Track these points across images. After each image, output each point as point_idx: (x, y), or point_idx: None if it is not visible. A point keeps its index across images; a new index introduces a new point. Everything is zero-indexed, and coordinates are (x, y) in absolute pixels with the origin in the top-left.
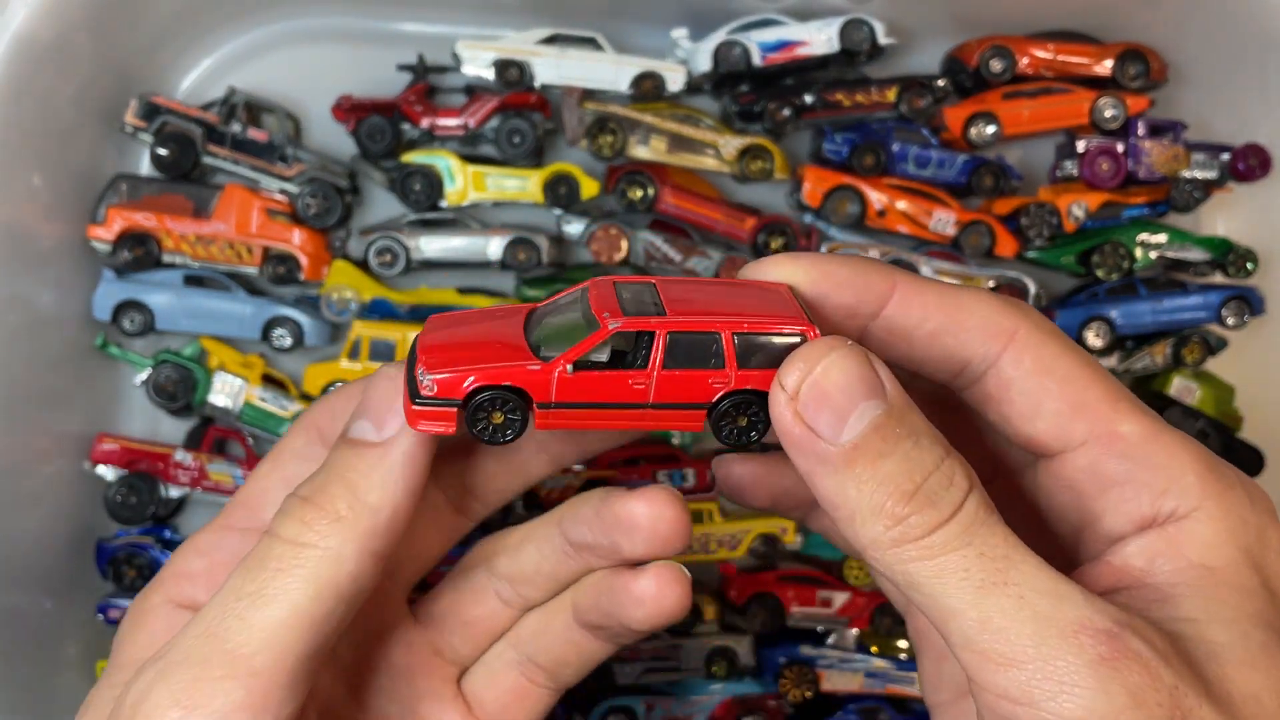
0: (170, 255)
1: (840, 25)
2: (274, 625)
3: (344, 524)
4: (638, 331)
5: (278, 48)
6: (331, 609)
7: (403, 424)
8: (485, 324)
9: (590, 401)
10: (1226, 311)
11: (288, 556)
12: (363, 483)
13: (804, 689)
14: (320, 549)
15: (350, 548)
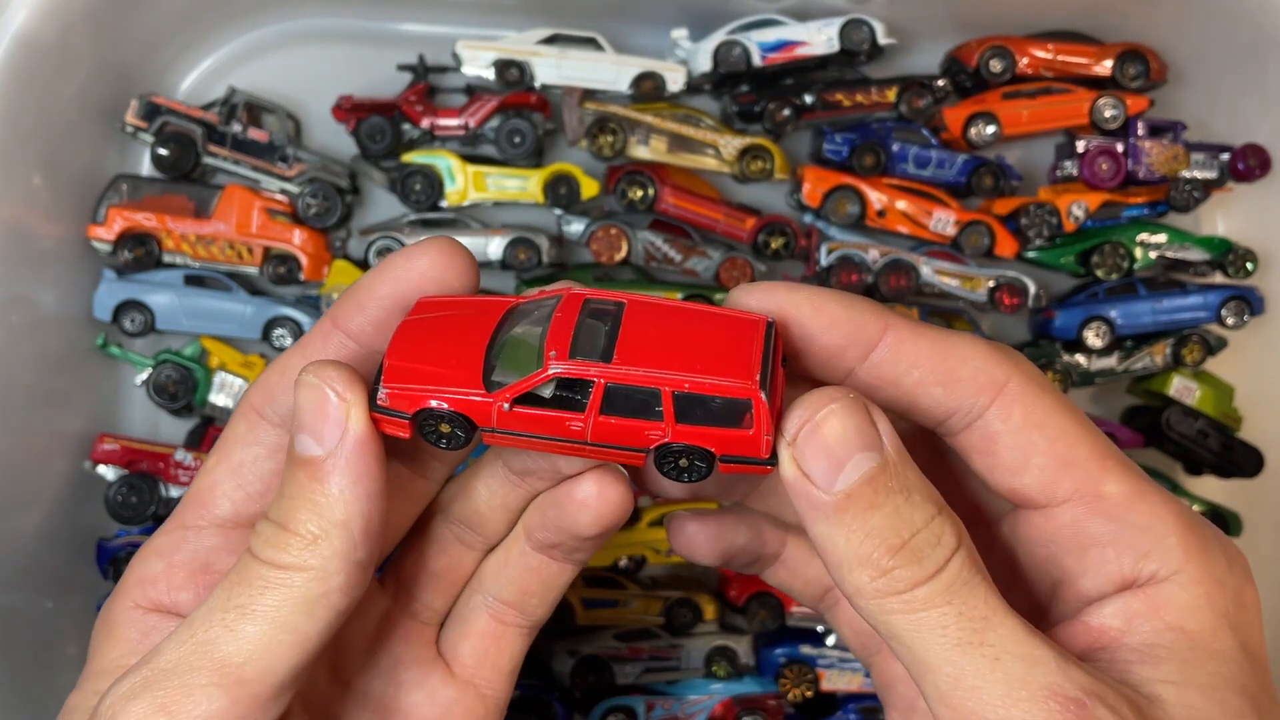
0: (171, 255)
1: (840, 25)
2: (263, 637)
3: (320, 544)
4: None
5: (278, 48)
6: (323, 623)
7: (340, 433)
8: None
9: (530, 433)
10: (1226, 311)
11: (272, 576)
12: (324, 501)
13: (804, 688)
14: (304, 569)
15: (332, 564)
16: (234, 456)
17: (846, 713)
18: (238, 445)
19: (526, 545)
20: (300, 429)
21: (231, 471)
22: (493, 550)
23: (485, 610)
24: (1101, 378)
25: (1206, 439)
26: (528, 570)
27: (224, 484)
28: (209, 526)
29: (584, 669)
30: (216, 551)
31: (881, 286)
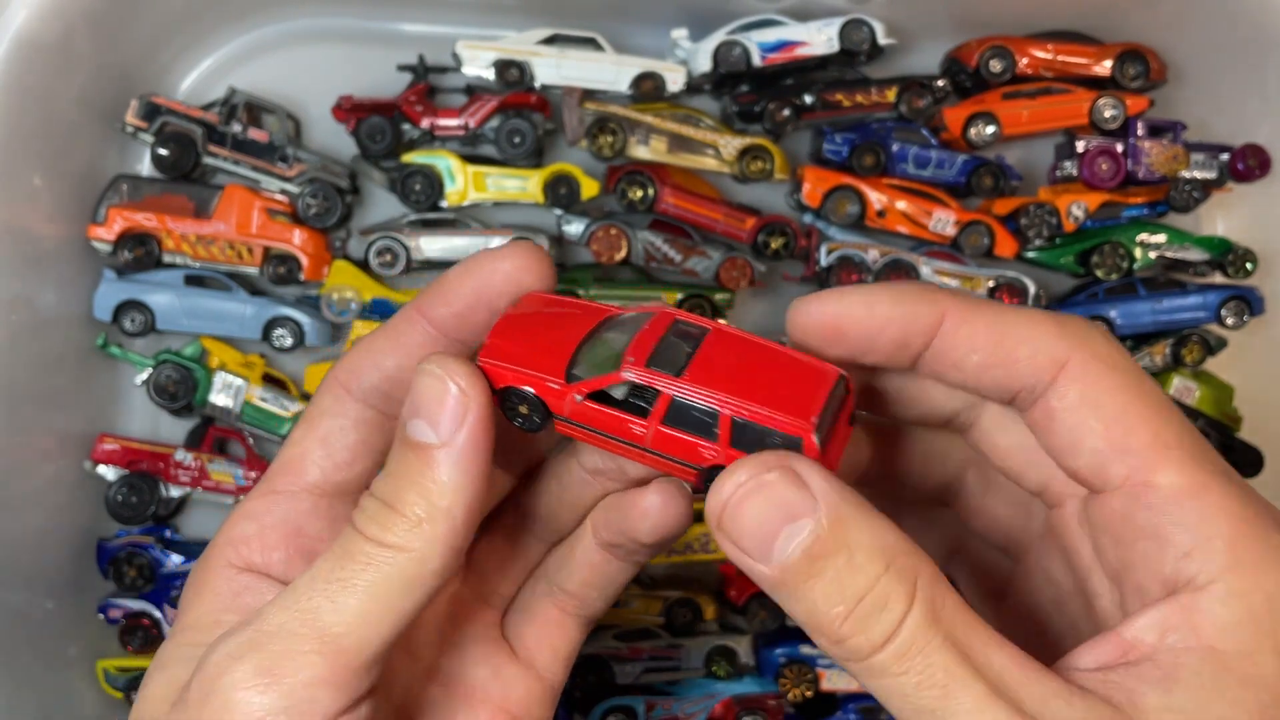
0: (171, 255)
1: (840, 25)
2: (363, 611)
3: (423, 527)
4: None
5: (278, 48)
6: (418, 601)
7: (457, 425)
8: (555, 324)
9: (596, 428)
10: (1226, 311)
11: (375, 554)
12: (434, 488)
13: (804, 688)
14: (406, 549)
15: (433, 548)
16: (321, 427)
17: (846, 713)
18: (325, 417)
19: (592, 542)
20: (416, 414)
21: (319, 441)
22: (559, 543)
23: (549, 599)
24: None
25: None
26: (591, 565)
27: (313, 453)
28: (299, 491)
29: (584, 669)
30: (306, 515)
31: None
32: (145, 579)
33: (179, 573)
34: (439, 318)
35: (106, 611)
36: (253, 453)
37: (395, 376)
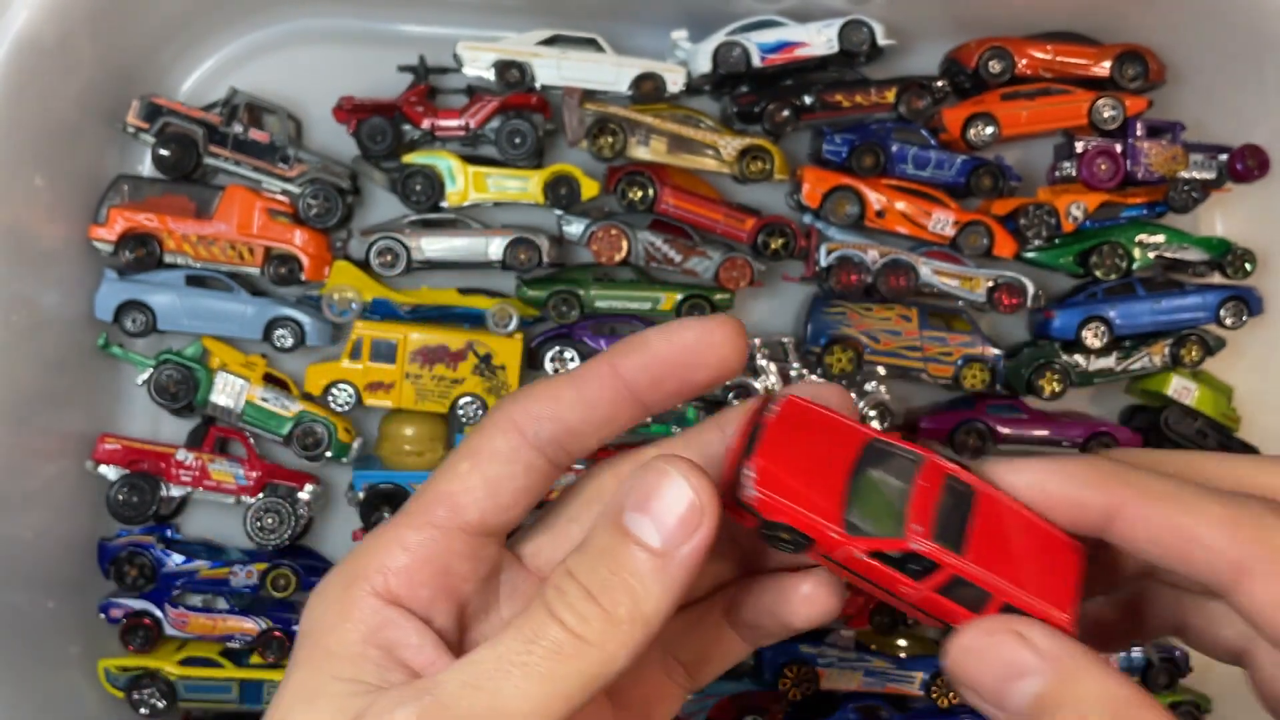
0: (172, 256)
1: (840, 26)
2: (543, 702)
3: (623, 630)
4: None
5: (279, 49)
6: (590, 696)
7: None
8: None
9: (862, 575)
10: (1225, 312)
11: (566, 644)
12: (643, 593)
13: (803, 687)
14: (597, 647)
15: (624, 651)
16: (490, 469)
17: (846, 712)
18: (495, 460)
19: (721, 618)
20: (642, 510)
21: (485, 482)
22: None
23: (660, 666)
24: (1100, 378)
25: (1205, 439)
26: (715, 642)
27: (476, 492)
28: (455, 529)
29: None
30: (458, 556)
31: (881, 287)
32: (146, 578)
33: (180, 572)
34: (633, 377)
35: (108, 611)
36: (254, 453)
37: (576, 430)
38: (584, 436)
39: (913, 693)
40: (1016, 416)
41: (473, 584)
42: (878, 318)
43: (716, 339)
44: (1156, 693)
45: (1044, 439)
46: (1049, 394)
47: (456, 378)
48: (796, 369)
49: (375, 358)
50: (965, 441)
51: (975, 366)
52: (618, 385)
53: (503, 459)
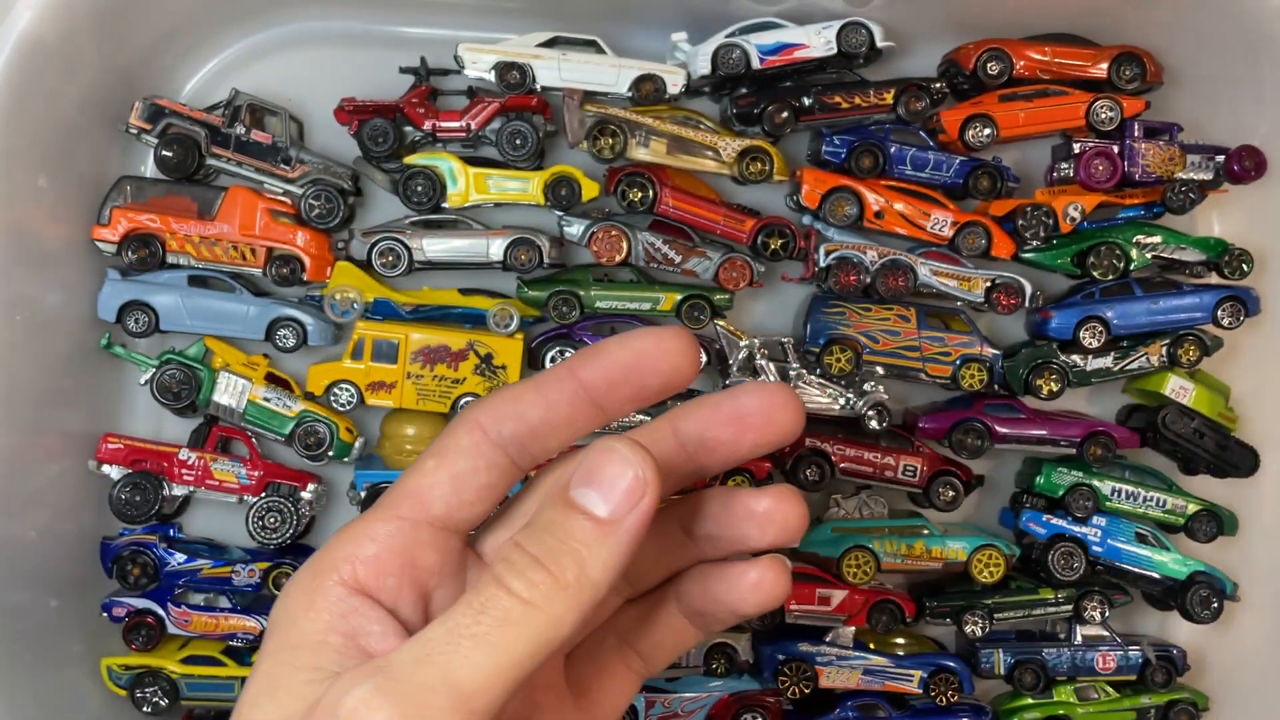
0: (175, 256)
1: (838, 28)
2: (494, 670)
3: (569, 593)
4: None
5: (281, 50)
6: (538, 663)
7: (631, 507)
8: None
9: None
10: (1222, 312)
11: (515, 611)
12: (590, 557)
13: (802, 685)
14: (545, 611)
15: (571, 616)
16: (455, 464)
17: (845, 710)
18: (460, 455)
19: (675, 607)
20: (589, 484)
21: (451, 477)
22: (634, 600)
23: (618, 655)
24: (1098, 378)
25: (1202, 438)
26: (669, 629)
27: (443, 487)
28: (422, 522)
29: None
30: (423, 547)
31: (879, 287)
32: (149, 577)
33: (182, 571)
34: (590, 381)
35: (110, 609)
36: (256, 452)
37: (536, 430)
38: (545, 437)
39: (911, 690)
40: (1014, 416)
41: (438, 576)
42: (876, 318)
43: (669, 348)
44: (1154, 691)
45: (1042, 438)
46: (1047, 394)
47: (457, 377)
48: (795, 369)
49: (377, 358)
50: (963, 441)
51: (973, 366)
52: (577, 389)
53: (467, 456)
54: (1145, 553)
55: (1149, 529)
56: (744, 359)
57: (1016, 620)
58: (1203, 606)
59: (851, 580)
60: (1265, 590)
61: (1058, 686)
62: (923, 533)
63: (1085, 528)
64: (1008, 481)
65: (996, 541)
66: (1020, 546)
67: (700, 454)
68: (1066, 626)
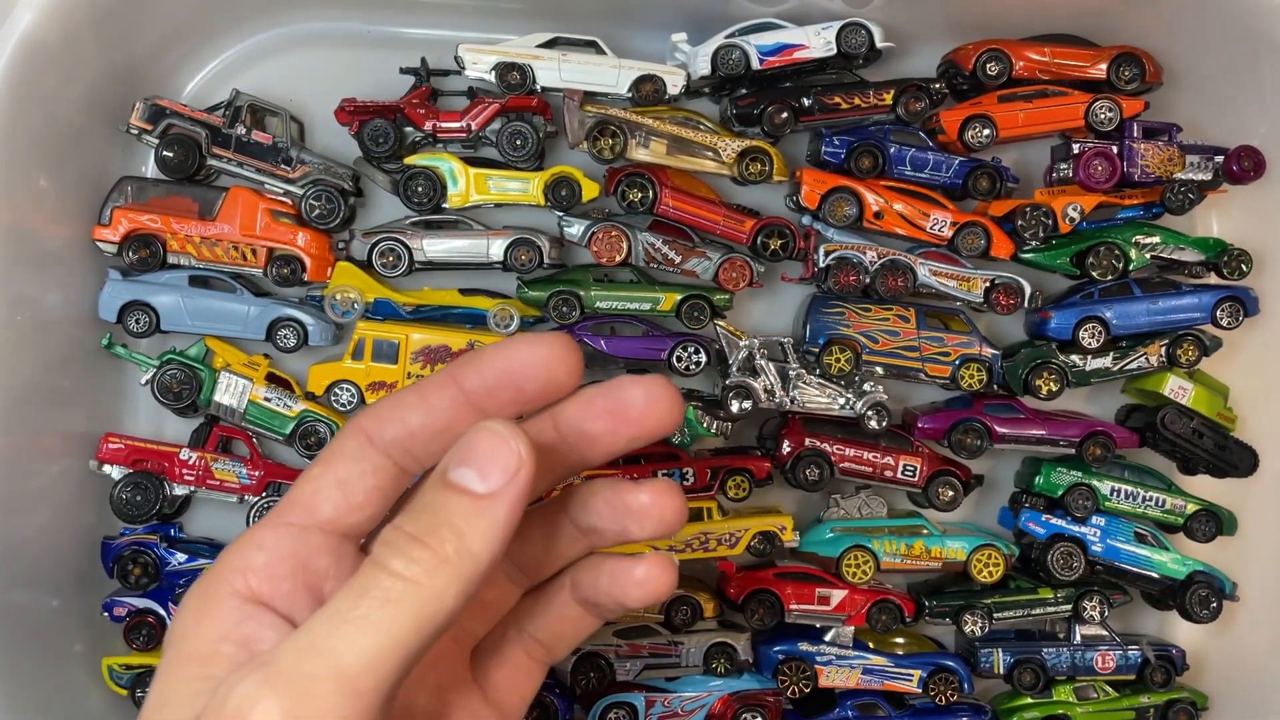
0: (175, 256)
1: (838, 29)
2: (378, 651)
3: (449, 566)
4: None
5: (282, 51)
6: (427, 641)
7: (508, 480)
8: None
9: None
10: (1221, 312)
11: (395, 589)
12: (469, 530)
13: (802, 685)
14: (426, 587)
15: (453, 589)
16: (340, 469)
17: (844, 709)
18: (345, 460)
19: (569, 596)
20: (465, 463)
21: (337, 482)
22: (532, 590)
23: (519, 645)
24: (1097, 378)
25: (1201, 438)
26: (566, 619)
27: (328, 491)
28: (311, 527)
29: (584, 666)
30: (315, 551)
31: (879, 287)
32: (150, 577)
33: (183, 571)
34: (470, 387)
35: (111, 609)
36: (257, 452)
37: (418, 434)
38: (428, 440)
39: (911, 690)
40: (1014, 416)
41: (333, 581)
42: (876, 318)
43: (546, 355)
44: (1153, 690)
45: (1041, 438)
46: (1046, 394)
47: None
48: (795, 369)
49: (377, 358)
50: (963, 441)
51: (973, 366)
52: (457, 394)
53: (352, 460)
54: (1144, 552)
55: (1148, 529)
56: (744, 359)
57: (1016, 620)
58: (1202, 606)
59: (851, 580)
60: (1264, 590)
61: (1057, 686)
62: (922, 532)
63: (1084, 527)
64: (1007, 481)
65: (996, 541)
66: (1019, 546)
67: (581, 445)
68: (1066, 626)
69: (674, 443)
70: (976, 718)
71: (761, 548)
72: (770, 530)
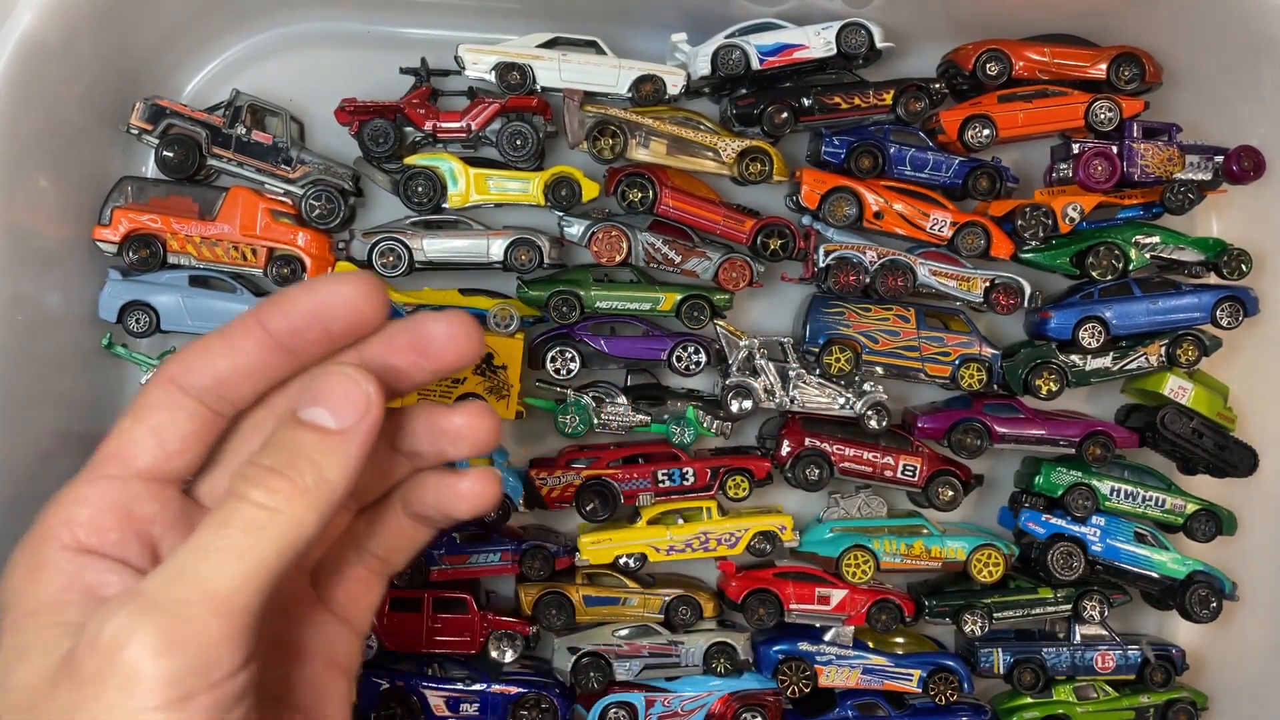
0: (175, 256)
1: (838, 29)
2: (246, 574)
3: (309, 495)
4: None
5: (282, 51)
6: (288, 563)
7: (359, 416)
8: None
9: None
10: (1221, 312)
11: (259, 518)
12: (325, 463)
13: (802, 684)
14: (286, 514)
15: (311, 515)
16: (152, 419)
17: (844, 709)
18: (156, 410)
19: (401, 511)
20: (317, 403)
21: (151, 431)
22: (365, 510)
23: (358, 562)
24: (1097, 378)
25: (1201, 438)
26: (399, 532)
27: (143, 441)
28: (130, 477)
29: (584, 665)
30: (137, 499)
31: (879, 287)
32: None
33: None
34: (276, 329)
35: None
36: None
37: (227, 379)
38: (239, 384)
39: (910, 690)
40: (1014, 416)
41: (160, 525)
42: (876, 318)
43: (350, 293)
44: (1153, 690)
45: (1041, 438)
46: (1046, 393)
47: (458, 377)
48: (795, 369)
49: None
50: (963, 441)
51: (972, 366)
52: (263, 336)
53: (162, 409)
54: (1144, 552)
55: (1148, 528)
56: (743, 359)
57: (1016, 620)
58: (1201, 606)
59: (851, 580)
60: (1264, 590)
61: (1057, 686)
62: (922, 532)
63: (1084, 527)
64: (1007, 481)
65: (996, 541)
66: (1019, 546)
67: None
68: (1065, 626)
69: (674, 443)
70: (976, 717)
71: (761, 548)
72: (770, 530)
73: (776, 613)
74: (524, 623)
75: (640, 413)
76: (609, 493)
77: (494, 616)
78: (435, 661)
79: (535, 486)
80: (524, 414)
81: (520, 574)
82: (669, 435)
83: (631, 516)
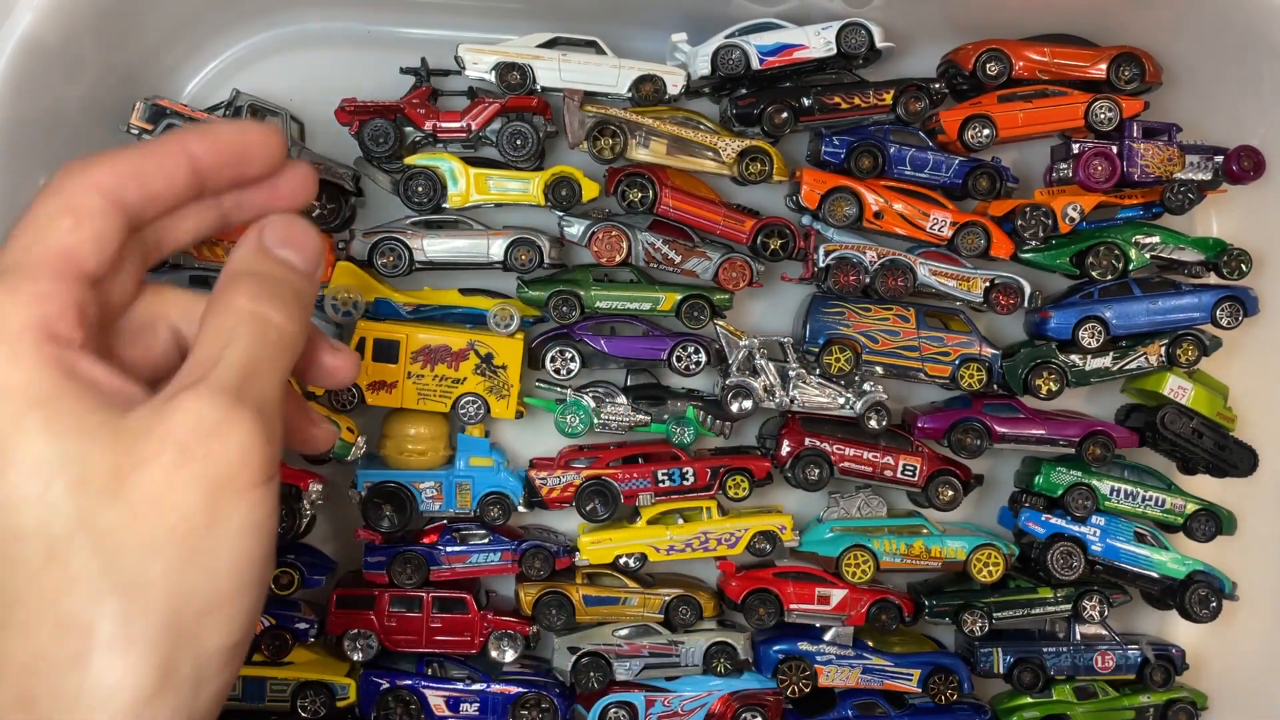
0: (175, 256)
1: (838, 29)
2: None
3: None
4: None
5: (282, 51)
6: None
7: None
8: None
9: None
10: (1220, 312)
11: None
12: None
13: (801, 684)
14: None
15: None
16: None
17: (844, 708)
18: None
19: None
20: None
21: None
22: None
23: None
24: (1097, 377)
25: (1201, 438)
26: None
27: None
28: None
29: (584, 665)
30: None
31: (879, 287)
32: None
33: None
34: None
35: None
36: None
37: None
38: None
39: (910, 689)
40: (1014, 415)
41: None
42: (875, 318)
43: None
44: (1153, 690)
45: (1041, 438)
46: (1046, 393)
47: (458, 377)
48: (795, 369)
49: (378, 357)
50: (963, 441)
51: (972, 366)
52: (188, 165)
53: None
54: (1144, 552)
55: (1148, 528)
56: (744, 359)
57: (1015, 619)
58: (1201, 606)
59: (851, 579)
60: (1264, 589)
61: (1057, 685)
62: (922, 532)
63: (1084, 527)
64: (1007, 481)
65: (995, 541)
66: (1019, 546)
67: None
68: (1065, 625)
69: (674, 442)
70: (976, 717)
71: (761, 547)
72: (770, 530)
73: (776, 612)
74: (524, 622)
75: (640, 413)
76: (609, 493)
77: (494, 616)
78: (435, 661)
79: (535, 486)
80: (524, 414)
81: (520, 574)
82: (669, 435)
83: (631, 516)
